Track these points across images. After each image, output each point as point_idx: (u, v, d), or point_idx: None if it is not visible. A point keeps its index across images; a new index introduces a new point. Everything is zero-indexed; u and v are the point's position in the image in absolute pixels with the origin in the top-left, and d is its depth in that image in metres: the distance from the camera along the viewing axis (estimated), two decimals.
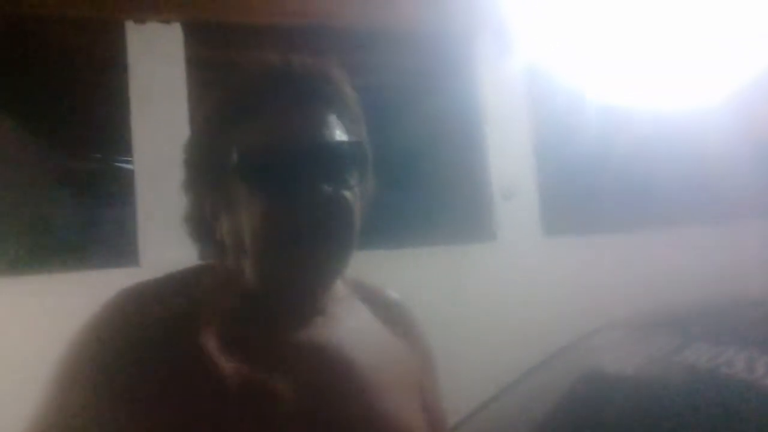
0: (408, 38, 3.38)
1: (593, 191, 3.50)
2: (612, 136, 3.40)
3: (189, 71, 3.08)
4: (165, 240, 3.25)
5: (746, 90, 3.57)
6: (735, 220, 3.60)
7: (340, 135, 0.99)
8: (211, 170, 0.99)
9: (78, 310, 0.97)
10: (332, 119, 1.00)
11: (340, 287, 1.10)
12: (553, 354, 2.18)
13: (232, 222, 0.97)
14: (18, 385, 1.55)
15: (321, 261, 0.96)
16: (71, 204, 3.82)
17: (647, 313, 2.13)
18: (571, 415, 1.88)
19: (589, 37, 3.36)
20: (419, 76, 3.73)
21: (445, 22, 3.41)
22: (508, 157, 3.40)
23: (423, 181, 3.76)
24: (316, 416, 0.93)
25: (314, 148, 0.96)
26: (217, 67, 3.09)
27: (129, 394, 0.86)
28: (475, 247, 3.28)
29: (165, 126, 2.94)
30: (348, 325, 1.06)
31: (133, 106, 3.00)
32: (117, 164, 4.41)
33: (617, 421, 1.64)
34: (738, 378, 1.42)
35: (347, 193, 0.97)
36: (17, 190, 3.45)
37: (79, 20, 3.06)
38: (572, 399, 1.94)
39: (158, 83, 3.03)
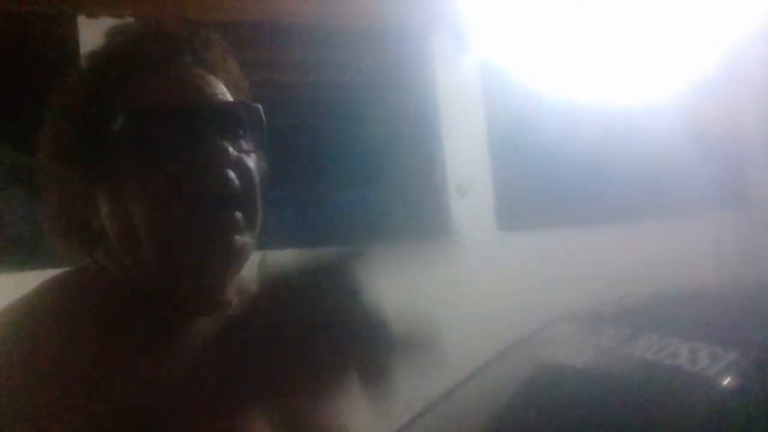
0: (364, 35, 3.39)
1: (547, 187, 3.54)
2: (565, 133, 3.45)
3: None
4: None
5: (695, 86, 3.65)
6: (684, 215, 3.68)
7: (229, 98, 0.89)
8: (84, 143, 0.85)
9: None
10: (218, 83, 0.89)
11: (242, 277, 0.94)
12: (506, 347, 2.22)
13: (115, 201, 0.84)
14: None
15: (231, 235, 0.83)
16: (22, 201, 3.75)
17: (599, 306, 2.17)
18: (525, 407, 1.92)
19: (543, 34, 3.40)
20: (375, 73, 3.74)
21: (401, 20, 3.42)
22: (463, 154, 3.42)
23: (378, 178, 3.77)
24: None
25: (210, 106, 0.85)
26: None
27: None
28: (430, 243, 3.29)
29: None
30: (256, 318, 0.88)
31: None
32: None
33: (570, 412, 1.68)
34: (682, 369, 1.47)
35: (249, 159, 0.87)
36: None
37: (30, 14, 3.01)
38: (526, 391, 1.98)
39: None
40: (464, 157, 3.42)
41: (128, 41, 0.89)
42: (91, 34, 2.99)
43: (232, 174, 0.83)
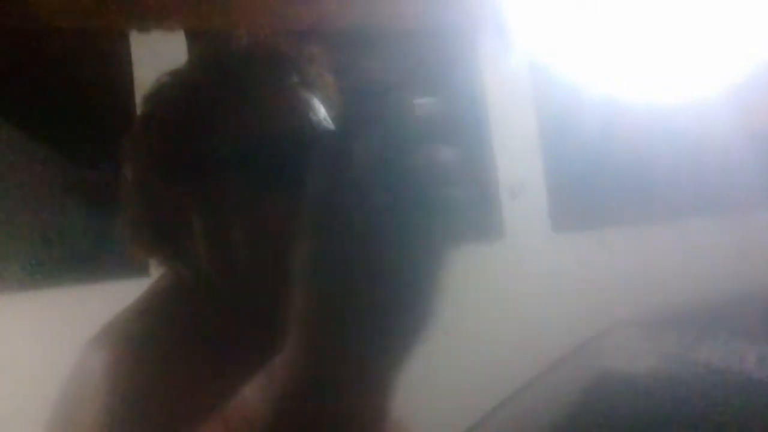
0: (410, 37, 3.38)
1: (600, 186, 3.49)
2: (616, 130, 3.39)
3: None
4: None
5: (744, 83, 3.56)
6: (738, 213, 3.59)
7: (331, 123, 0.87)
8: (186, 163, 0.83)
9: (91, 323, 0.88)
10: (319, 104, 0.88)
11: None
12: (564, 355, 2.18)
13: (210, 223, 0.83)
14: (31, 402, 1.56)
15: None
16: (80, 214, 3.84)
17: (658, 310, 2.12)
18: (585, 416, 1.88)
19: (590, 32, 3.35)
20: (422, 75, 3.73)
21: (447, 21, 3.40)
22: (514, 155, 3.39)
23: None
24: None
25: (316, 130, 0.84)
26: None
27: None
28: (483, 246, 3.27)
29: None
30: None
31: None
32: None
33: (632, 420, 1.64)
34: (751, 376, 1.42)
35: None
36: (25, 202, 3.48)
37: (83, 30, 3.08)
38: (586, 400, 1.94)
39: None
40: (515, 158, 3.39)
41: (239, 58, 0.87)
42: (143, 49, 3.05)
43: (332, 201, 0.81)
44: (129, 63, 3.05)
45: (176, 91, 0.87)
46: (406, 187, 0.55)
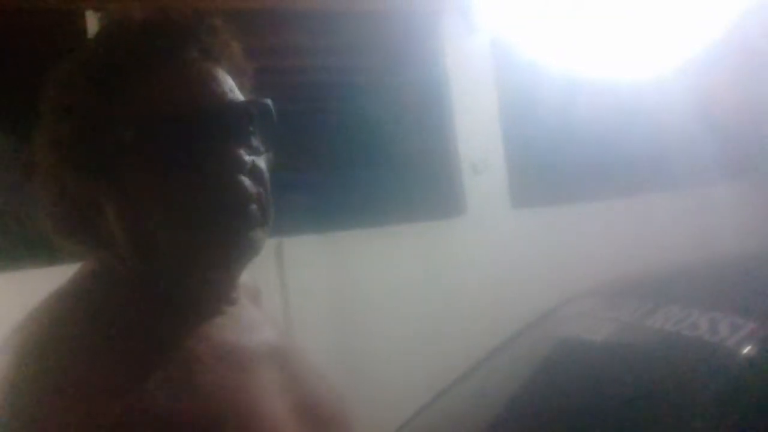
0: (374, 18, 3.38)
1: (560, 163, 3.54)
2: (576, 109, 3.44)
3: None
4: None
5: (700, 61, 3.63)
6: (697, 187, 3.67)
7: (238, 93, 0.87)
8: (90, 149, 0.81)
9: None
10: (225, 75, 0.87)
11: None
12: (525, 326, 2.22)
13: (125, 208, 0.82)
14: None
15: (248, 236, 0.83)
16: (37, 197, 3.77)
17: (618, 280, 2.17)
18: (546, 384, 1.93)
19: (552, 10, 3.38)
20: (386, 53, 3.74)
21: (411, 2, 3.41)
22: (476, 132, 3.43)
23: (392, 158, 3.78)
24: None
25: (224, 109, 0.83)
26: None
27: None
28: (446, 222, 3.31)
29: None
30: (251, 311, 0.96)
31: None
32: None
33: (591, 387, 1.69)
34: (701, 340, 1.47)
35: (260, 160, 0.86)
36: None
37: (38, 9, 3.02)
38: (547, 369, 1.99)
39: None
40: (477, 136, 3.42)
41: (133, 34, 0.84)
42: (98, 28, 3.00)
43: (247, 181, 0.83)
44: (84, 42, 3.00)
45: (75, 75, 0.84)
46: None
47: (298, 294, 2.90)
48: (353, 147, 3.75)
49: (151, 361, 0.77)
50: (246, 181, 0.82)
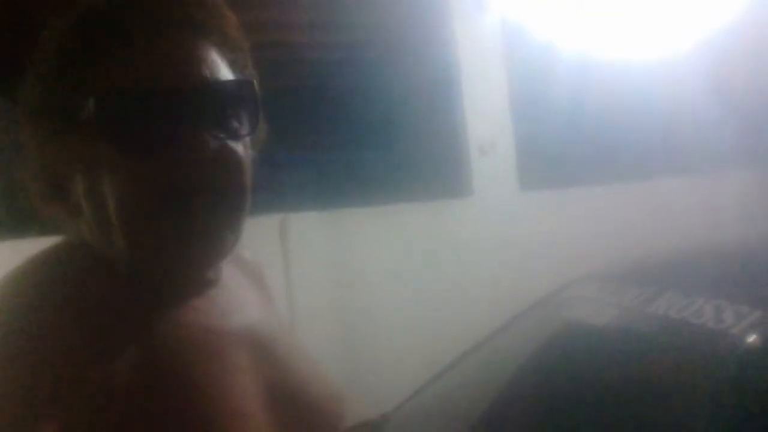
0: None
1: (569, 145, 3.51)
2: (587, 90, 3.41)
3: None
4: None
5: (714, 42, 3.58)
6: (706, 172, 3.64)
7: (223, 71, 0.80)
8: (59, 121, 0.77)
9: None
10: (210, 51, 0.80)
11: None
12: (527, 307, 2.21)
13: (89, 184, 0.77)
14: None
15: (209, 233, 0.77)
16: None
17: (621, 265, 2.16)
18: (546, 366, 1.92)
19: None
20: (395, 32, 3.71)
21: None
22: (484, 112, 3.40)
23: (400, 137, 3.76)
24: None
25: (193, 89, 0.77)
26: None
27: None
28: (452, 203, 3.30)
29: None
30: (237, 291, 0.91)
31: None
32: None
33: (593, 371, 1.68)
34: (706, 327, 1.46)
35: (236, 145, 0.79)
36: None
37: None
38: (548, 351, 1.98)
39: None
40: (485, 116, 3.40)
41: (117, 3, 0.78)
42: None
43: (212, 169, 0.76)
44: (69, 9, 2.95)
45: (52, 42, 0.79)
46: None
47: (301, 270, 2.89)
48: (361, 125, 3.73)
49: (112, 342, 0.73)
50: (209, 168, 0.76)
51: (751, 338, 1.39)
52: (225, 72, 0.81)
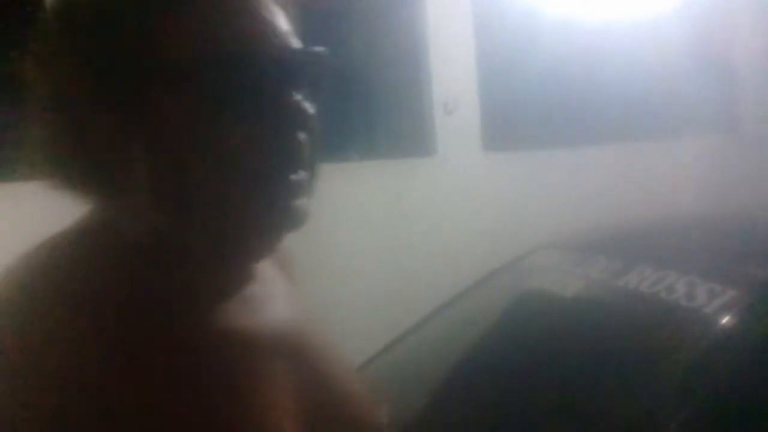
0: None
1: (535, 107, 3.46)
2: (554, 52, 3.35)
3: None
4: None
5: (686, 7, 3.56)
6: (677, 137, 3.64)
7: (295, 37, 0.74)
8: (127, 84, 0.67)
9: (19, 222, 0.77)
10: (283, 17, 0.73)
11: None
12: (489, 273, 2.17)
13: (159, 155, 0.69)
14: None
15: (295, 207, 0.73)
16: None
17: (587, 234, 2.13)
18: (508, 334, 1.88)
19: None
20: None
21: None
22: (450, 71, 3.32)
23: (363, 95, 3.66)
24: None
25: (288, 57, 0.71)
26: None
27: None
28: (415, 162, 3.24)
29: None
30: (272, 286, 0.85)
31: None
32: None
33: (556, 342, 1.64)
34: (678, 305, 1.43)
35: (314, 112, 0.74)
36: None
37: None
38: (510, 318, 1.94)
39: None
40: (451, 74, 3.32)
41: None
42: None
43: (303, 136, 0.72)
44: None
45: None
46: None
47: None
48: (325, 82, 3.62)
49: (145, 336, 0.67)
50: (302, 136, 0.72)
51: (724, 319, 1.36)
52: (296, 38, 0.75)
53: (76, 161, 0.71)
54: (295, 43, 0.74)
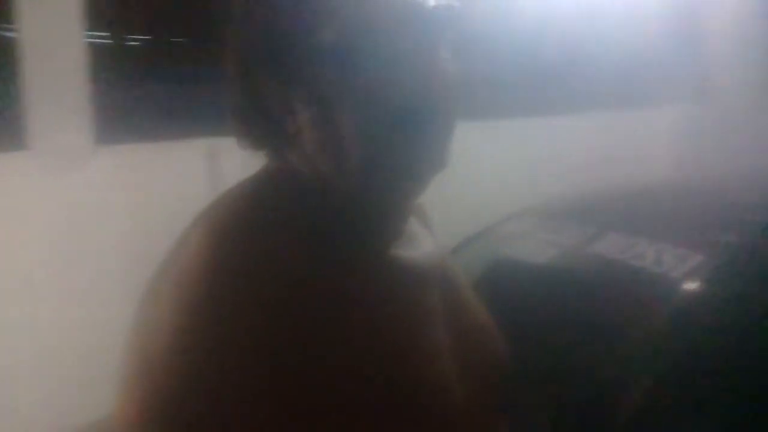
0: None
1: (501, 76, 3.46)
2: (532, 21, 3.35)
3: None
4: (58, 121, 2.68)
5: None
6: (644, 107, 3.67)
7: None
8: (290, 52, 0.82)
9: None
10: None
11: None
12: (463, 241, 2.19)
13: (316, 109, 0.81)
14: None
15: (441, 149, 0.85)
16: None
17: (560, 201, 2.15)
18: (482, 302, 1.90)
19: None
20: None
21: None
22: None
23: None
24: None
25: (424, 16, 0.82)
26: None
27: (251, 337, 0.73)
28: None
29: None
30: (425, 245, 0.98)
31: None
32: None
33: (529, 309, 1.67)
34: (646, 270, 1.46)
35: (448, 63, 0.85)
36: None
37: None
38: (483, 286, 1.96)
39: None
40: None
41: None
42: None
43: (438, 84, 0.82)
44: None
45: None
46: None
47: None
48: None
49: (323, 261, 0.80)
50: (436, 84, 0.82)
51: (690, 284, 1.39)
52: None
53: (258, 120, 0.87)
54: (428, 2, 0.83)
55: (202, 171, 2.83)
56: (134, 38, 3.53)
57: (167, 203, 2.65)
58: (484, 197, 2.86)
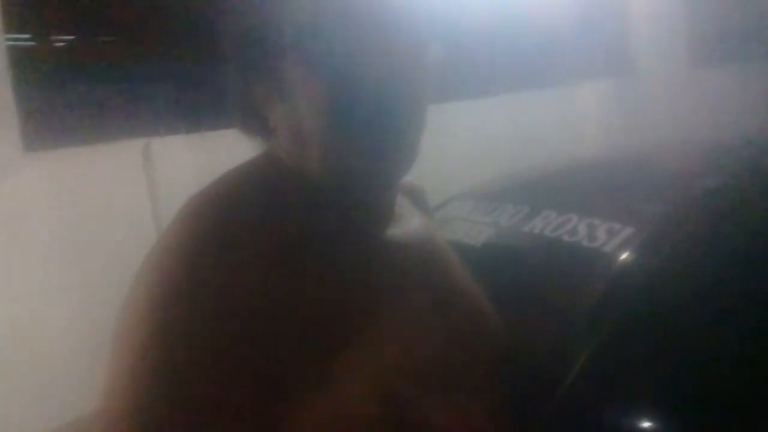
0: None
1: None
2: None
3: None
4: None
5: None
6: (568, 84, 3.72)
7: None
8: (262, 52, 0.89)
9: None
10: None
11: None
12: None
13: (286, 105, 0.89)
14: None
15: (402, 145, 0.89)
16: None
17: (495, 182, 2.18)
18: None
19: None
20: None
21: None
22: None
23: None
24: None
25: (388, 17, 0.86)
26: None
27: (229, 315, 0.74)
28: None
29: None
30: (413, 223, 1.04)
31: None
32: None
33: None
34: (580, 245, 1.49)
35: (422, 54, 0.91)
36: None
37: None
38: None
39: None
40: None
41: None
42: None
43: (403, 82, 0.86)
44: None
45: None
46: None
47: (168, 194, 2.74)
48: None
49: (314, 240, 0.84)
50: (399, 83, 0.86)
51: (621, 256, 1.43)
52: None
53: (248, 113, 0.95)
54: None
55: (137, 172, 2.78)
56: (58, 39, 3.44)
57: (103, 208, 2.62)
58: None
